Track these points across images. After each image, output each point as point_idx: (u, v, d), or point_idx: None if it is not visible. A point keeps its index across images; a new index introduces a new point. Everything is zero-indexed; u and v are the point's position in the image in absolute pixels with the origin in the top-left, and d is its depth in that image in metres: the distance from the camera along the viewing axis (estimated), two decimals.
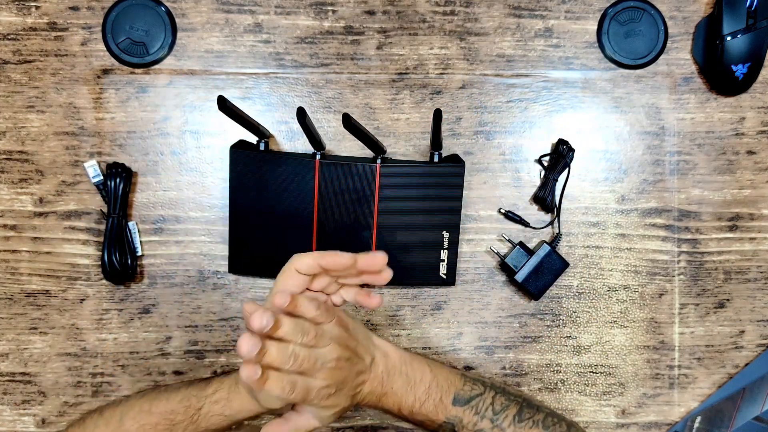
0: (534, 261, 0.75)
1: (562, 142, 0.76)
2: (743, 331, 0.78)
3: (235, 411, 0.61)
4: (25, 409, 0.76)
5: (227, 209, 0.75)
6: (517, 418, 0.63)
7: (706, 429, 0.77)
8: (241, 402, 0.60)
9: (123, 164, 0.75)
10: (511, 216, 0.77)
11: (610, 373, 0.78)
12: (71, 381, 0.76)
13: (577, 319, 0.78)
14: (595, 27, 0.77)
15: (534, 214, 0.77)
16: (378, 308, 0.59)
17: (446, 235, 0.74)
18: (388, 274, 0.59)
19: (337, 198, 0.73)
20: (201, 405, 0.61)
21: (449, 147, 0.77)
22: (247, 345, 0.50)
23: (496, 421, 0.63)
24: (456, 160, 0.74)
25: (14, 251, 0.76)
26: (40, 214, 0.76)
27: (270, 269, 0.58)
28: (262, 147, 0.73)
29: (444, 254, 0.75)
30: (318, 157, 0.72)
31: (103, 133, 0.75)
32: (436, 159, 0.73)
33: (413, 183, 0.73)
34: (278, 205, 0.73)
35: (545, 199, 0.76)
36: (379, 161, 0.72)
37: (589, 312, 0.78)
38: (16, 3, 0.75)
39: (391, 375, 0.61)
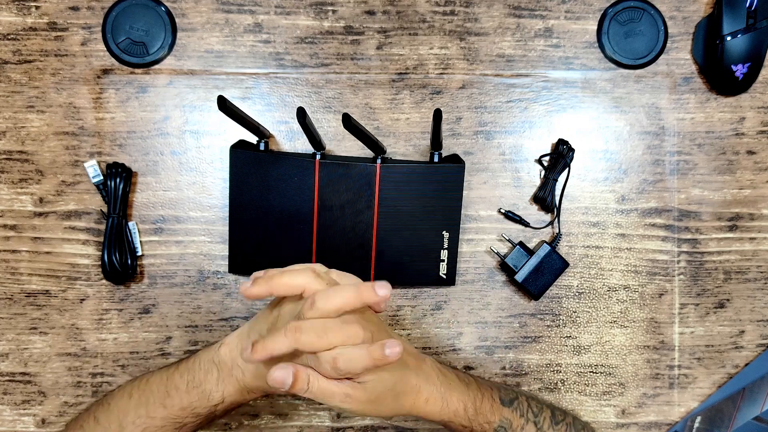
0: (534, 261, 0.75)
1: (562, 142, 0.76)
2: (743, 331, 0.78)
3: (243, 397, 0.61)
4: (25, 409, 0.76)
5: (227, 209, 0.75)
6: (553, 421, 0.64)
7: (706, 429, 0.77)
8: (242, 390, 0.60)
9: (123, 164, 0.75)
10: (511, 216, 0.77)
11: (610, 373, 0.78)
12: (71, 381, 0.76)
13: (577, 319, 0.78)
14: (595, 27, 0.77)
15: (534, 214, 0.77)
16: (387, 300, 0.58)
17: (446, 235, 0.74)
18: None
19: (337, 198, 0.73)
20: (207, 411, 0.61)
21: (449, 147, 0.77)
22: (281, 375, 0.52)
23: (539, 424, 0.63)
24: (456, 160, 0.74)
25: (14, 251, 0.76)
26: (40, 214, 0.76)
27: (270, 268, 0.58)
28: (262, 147, 0.73)
29: (444, 254, 0.75)
30: (318, 157, 0.72)
31: (103, 133, 0.75)
32: (436, 159, 0.73)
33: (413, 183, 0.73)
34: (278, 205, 0.73)
35: (545, 199, 0.76)
36: (379, 161, 0.72)
37: (589, 312, 0.78)
38: (16, 3, 0.75)
39: (443, 371, 0.61)
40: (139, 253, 0.76)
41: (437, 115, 0.64)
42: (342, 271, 0.59)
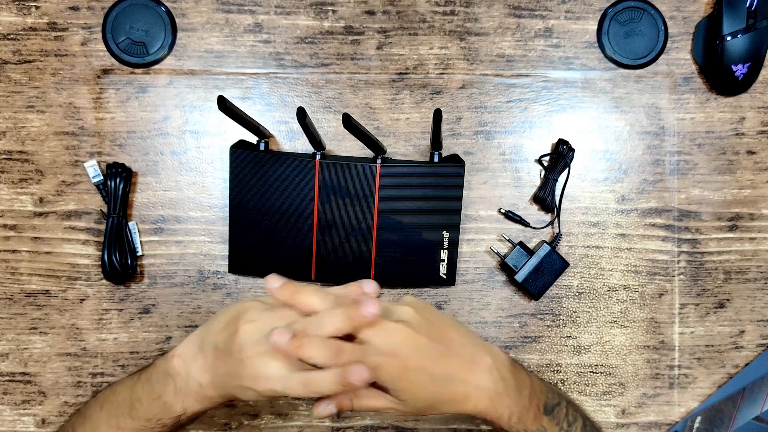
0: (534, 261, 0.75)
1: (562, 142, 0.76)
2: (743, 331, 0.78)
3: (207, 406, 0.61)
4: (25, 409, 0.76)
5: (227, 209, 0.75)
6: None
7: (706, 429, 0.77)
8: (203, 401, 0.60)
9: (123, 164, 0.75)
10: (511, 216, 0.77)
11: (610, 373, 0.78)
12: (71, 381, 0.76)
13: (577, 319, 0.78)
14: (595, 27, 0.77)
15: (534, 214, 0.77)
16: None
17: (446, 235, 0.74)
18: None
19: (337, 198, 0.73)
20: (172, 422, 0.60)
21: (449, 147, 0.77)
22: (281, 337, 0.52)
23: None
24: (456, 160, 0.74)
25: (14, 251, 0.76)
26: (40, 214, 0.76)
27: (270, 269, 0.58)
28: (262, 147, 0.73)
29: (444, 254, 0.75)
30: (318, 157, 0.72)
31: (103, 133, 0.75)
32: (436, 159, 0.73)
33: (413, 183, 0.73)
34: (278, 205, 0.73)
35: (545, 199, 0.76)
36: (379, 161, 0.72)
37: (589, 312, 0.78)
38: (16, 3, 0.75)
39: (503, 374, 0.60)
40: (139, 253, 0.76)
41: (437, 115, 0.64)
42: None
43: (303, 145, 0.76)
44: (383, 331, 0.55)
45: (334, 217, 0.73)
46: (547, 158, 0.77)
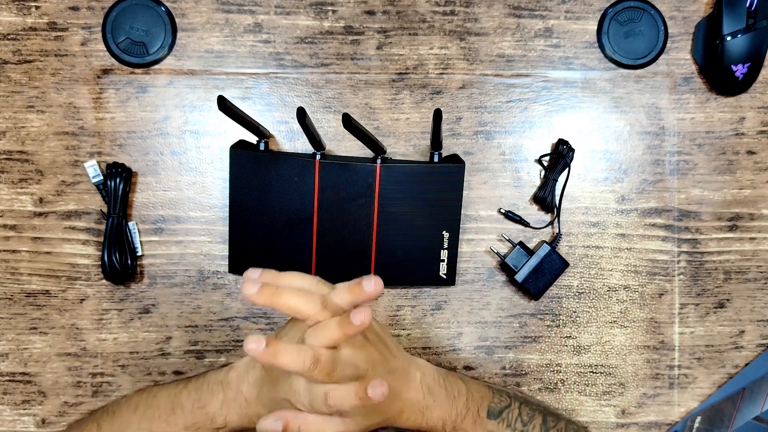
0: (534, 261, 0.75)
1: (562, 142, 0.76)
2: (743, 331, 0.78)
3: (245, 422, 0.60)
4: (25, 409, 0.76)
5: (227, 209, 0.75)
6: (543, 428, 0.63)
7: (706, 429, 0.77)
8: (243, 414, 0.60)
9: (123, 164, 0.75)
10: (511, 216, 0.77)
11: (610, 373, 0.78)
12: (71, 381, 0.76)
13: (577, 319, 0.78)
14: (595, 27, 0.77)
15: (534, 214, 0.77)
16: (379, 295, 0.57)
17: (446, 235, 0.74)
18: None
19: (337, 198, 0.73)
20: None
21: (449, 147, 0.77)
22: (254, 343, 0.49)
23: None
24: (456, 160, 0.74)
25: (14, 251, 0.76)
26: (40, 214, 0.76)
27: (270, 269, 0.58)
28: (262, 147, 0.73)
29: (444, 254, 0.75)
30: (318, 157, 0.72)
31: (103, 133, 0.75)
32: (436, 159, 0.73)
33: (413, 183, 0.73)
34: (278, 205, 0.73)
35: (545, 199, 0.76)
36: (379, 161, 0.72)
37: (589, 312, 0.78)
38: (16, 3, 0.75)
39: (431, 386, 0.60)
40: (139, 253, 0.76)
41: (437, 115, 0.64)
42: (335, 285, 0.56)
43: (303, 145, 0.76)
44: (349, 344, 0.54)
45: (334, 217, 0.73)
46: (547, 158, 0.77)
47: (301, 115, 0.62)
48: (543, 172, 0.77)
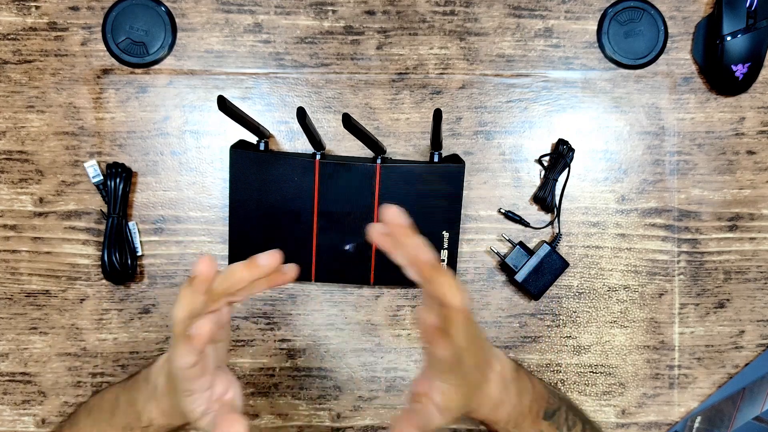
0: (534, 261, 0.75)
1: (562, 142, 0.76)
2: (743, 331, 0.78)
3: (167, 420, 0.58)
4: (25, 409, 0.76)
5: (227, 209, 0.75)
6: None
7: (706, 429, 0.77)
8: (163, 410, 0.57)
9: (123, 164, 0.75)
10: (511, 216, 0.77)
11: (610, 373, 0.78)
12: (71, 381, 0.76)
13: (577, 319, 0.78)
14: (595, 27, 0.77)
15: (534, 214, 0.77)
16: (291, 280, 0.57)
17: (446, 235, 0.74)
18: (292, 274, 0.56)
19: (337, 198, 0.73)
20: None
21: (449, 147, 0.77)
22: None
23: None
24: (456, 160, 0.74)
25: (14, 251, 0.76)
26: (40, 214, 0.76)
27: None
28: (262, 147, 0.73)
29: (444, 254, 0.75)
30: (318, 157, 0.72)
31: (103, 133, 0.76)
32: (436, 159, 0.73)
33: (413, 183, 0.73)
34: (278, 205, 0.73)
35: (545, 199, 0.76)
36: (379, 161, 0.72)
37: (589, 312, 0.78)
38: (16, 3, 0.75)
39: (507, 380, 0.57)
40: (139, 253, 0.76)
41: (437, 115, 0.64)
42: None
43: (303, 145, 0.76)
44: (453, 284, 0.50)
45: (333, 217, 0.73)
46: (547, 158, 0.77)
47: (301, 115, 0.62)
48: (543, 172, 0.77)
